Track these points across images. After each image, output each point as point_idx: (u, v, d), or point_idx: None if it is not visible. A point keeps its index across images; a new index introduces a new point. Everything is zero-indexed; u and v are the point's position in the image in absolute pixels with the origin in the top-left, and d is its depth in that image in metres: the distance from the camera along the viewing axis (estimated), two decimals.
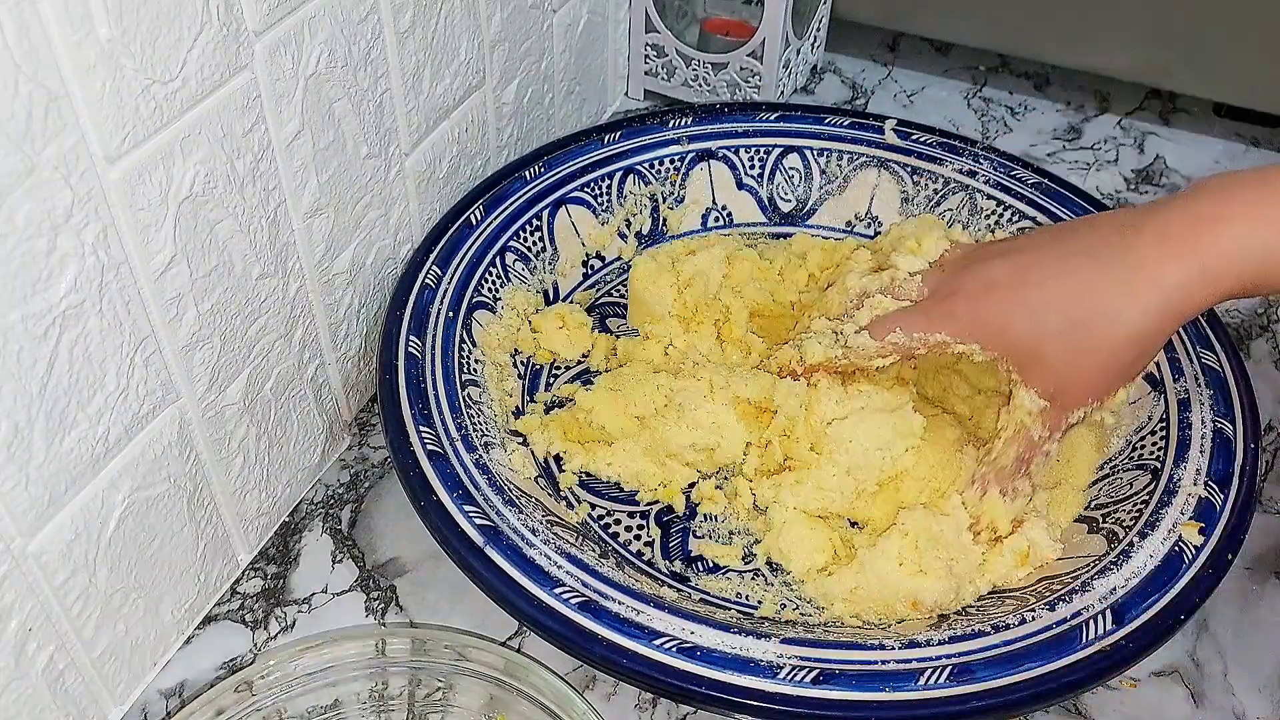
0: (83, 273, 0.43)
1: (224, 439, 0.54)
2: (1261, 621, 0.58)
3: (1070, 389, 0.53)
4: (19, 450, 0.42)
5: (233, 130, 0.48)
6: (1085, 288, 0.51)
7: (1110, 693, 0.55)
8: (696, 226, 0.75)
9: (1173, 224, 0.50)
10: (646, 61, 0.89)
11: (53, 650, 0.47)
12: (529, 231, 0.68)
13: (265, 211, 0.52)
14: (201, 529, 0.54)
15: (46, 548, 0.45)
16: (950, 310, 0.54)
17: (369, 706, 0.52)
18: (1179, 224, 0.49)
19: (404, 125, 0.61)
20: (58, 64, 0.39)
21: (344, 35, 0.54)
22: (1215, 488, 0.54)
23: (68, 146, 0.40)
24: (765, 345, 0.66)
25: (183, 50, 0.44)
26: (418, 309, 0.61)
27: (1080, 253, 0.52)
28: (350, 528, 0.61)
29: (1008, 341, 0.53)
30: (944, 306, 0.55)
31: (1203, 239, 0.48)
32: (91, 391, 0.45)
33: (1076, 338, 0.51)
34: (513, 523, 0.53)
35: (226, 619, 0.57)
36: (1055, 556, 0.56)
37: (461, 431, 0.57)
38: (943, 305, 0.55)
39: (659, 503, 0.61)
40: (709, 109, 0.76)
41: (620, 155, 0.73)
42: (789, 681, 0.47)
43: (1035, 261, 0.53)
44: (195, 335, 0.50)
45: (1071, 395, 0.53)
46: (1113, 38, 0.85)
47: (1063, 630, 0.49)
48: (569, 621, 0.49)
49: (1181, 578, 0.51)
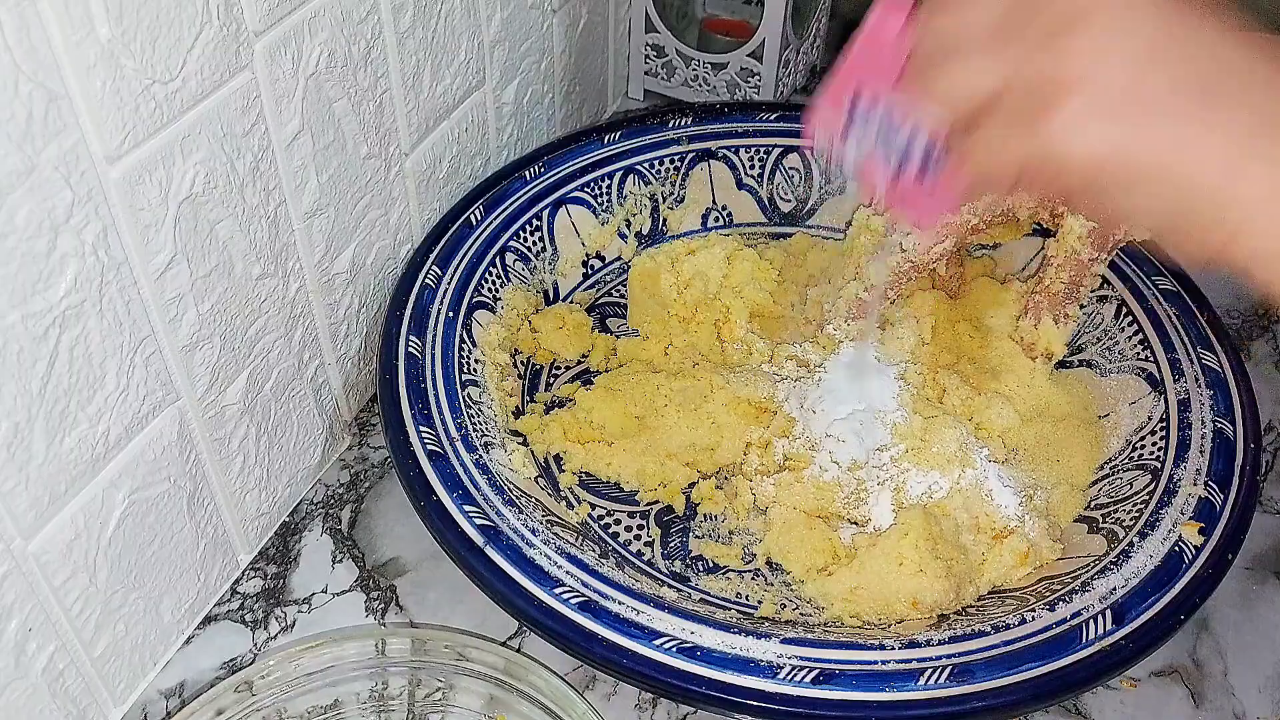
0: (83, 273, 0.43)
1: (224, 439, 0.54)
2: (1261, 621, 0.58)
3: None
4: (19, 450, 0.42)
5: (233, 130, 0.48)
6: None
7: (1110, 693, 0.55)
8: (696, 226, 0.75)
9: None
10: (646, 61, 0.89)
11: (53, 650, 0.47)
12: (529, 231, 0.68)
13: (265, 211, 0.52)
14: (201, 529, 0.54)
15: (46, 548, 0.45)
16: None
17: (369, 706, 0.52)
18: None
19: (404, 125, 0.61)
20: (58, 64, 0.39)
21: (344, 35, 0.54)
22: (1215, 488, 0.54)
23: (68, 146, 0.40)
24: (765, 345, 0.66)
25: (183, 50, 0.44)
26: (418, 309, 0.61)
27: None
28: (350, 528, 0.61)
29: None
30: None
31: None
32: (91, 391, 0.45)
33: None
34: (513, 523, 0.53)
35: (226, 619, 0.57)
36: (1055, 556, 0.56)
37: (461, 431, 0.57)
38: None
39: (659, 503, 0.61)
40: (709, 109, 0.76)
41: (620, 155, 0.73)
42: (789, 681, 0.47)
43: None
44: (195, 335, 0.50)
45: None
46: None
47: (1063, 630, 0.49)
48: (569, 621, 0.49)
49: (1181, 578, 0.51)
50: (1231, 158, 0.36)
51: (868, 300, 0.62)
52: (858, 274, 0.63)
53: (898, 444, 0.60)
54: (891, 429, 0.60)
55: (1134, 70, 0.36)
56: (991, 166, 0.39)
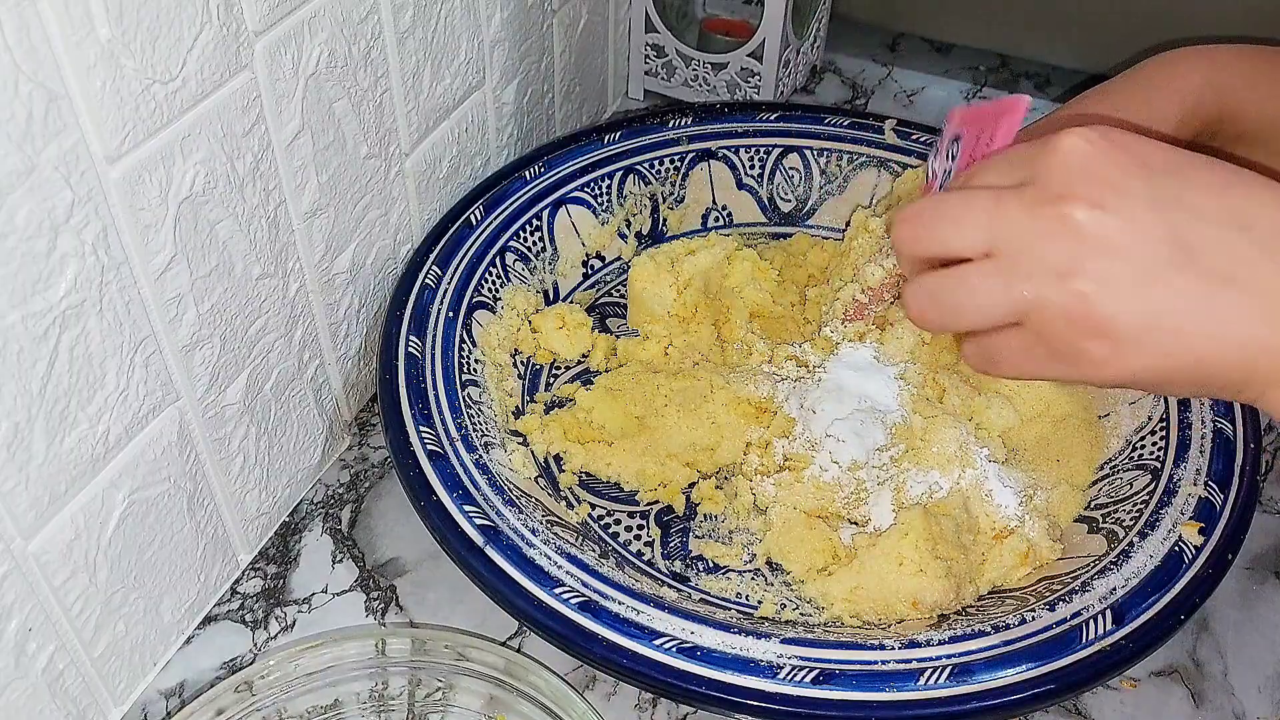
0: (83, 273, 0.43)
1: (224, 439, 0.54)
2: (1261, 621, 0.58)
3: None
4: (19, 450, 0.42)
5: (233, 130, 0.48)
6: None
7: (1110, 693, 0.55)
8: (696, 226, 0.75)
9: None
10: (646, 61, 0.89)
11: (53, 650, 0.47)
12: (529, 231, 0.68)
13: (265, 211, 0.52)
14: (201, 529, 0.54)
15: (46, 548, 0.45)
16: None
17: (369, 706, 0.52)
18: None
19: (404, 125, 0.61)
20: (58, 64, 0.39)
21: (344, 35, 0.54)
22: (1215, 488, 0.54)
23: (68, 146, 0.40)
24: (766, 345, 0.66)
25: (183, 50, 0.44)
26: (418, 309, 0.61)
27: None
28: (350, 528, 0.61)
29: None
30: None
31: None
32: (91, 391, 0.45)
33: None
34: (513, 523, 0.53)
35: (226, 619, 0.57)
36: (1055, 556, 0.56)
37: (461, 431, 0.57)
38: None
39: (659, 503, 0.61)
40: (709, 109, 0.76)
41: (620, 155, 0.73)
42: (789, 681, 0.47)
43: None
44: (195, 335, 0.50)
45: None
46: (1112, 38, 0.84)
47: (1063, 630, 0.49)
48: (569, 621, 0.49)
49: (1181, 578, 0.51)
50: (1241, 323, 0.38)
51: (865, 302, 0.62)
52: (855, 275, 0.63)
53: (898, 444, 0.60)
54: (891, 429, 0.60)
55: (1144, 295, 0.38)
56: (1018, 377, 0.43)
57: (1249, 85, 0.55)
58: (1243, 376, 0.39)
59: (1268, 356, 0.38)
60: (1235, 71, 0.55)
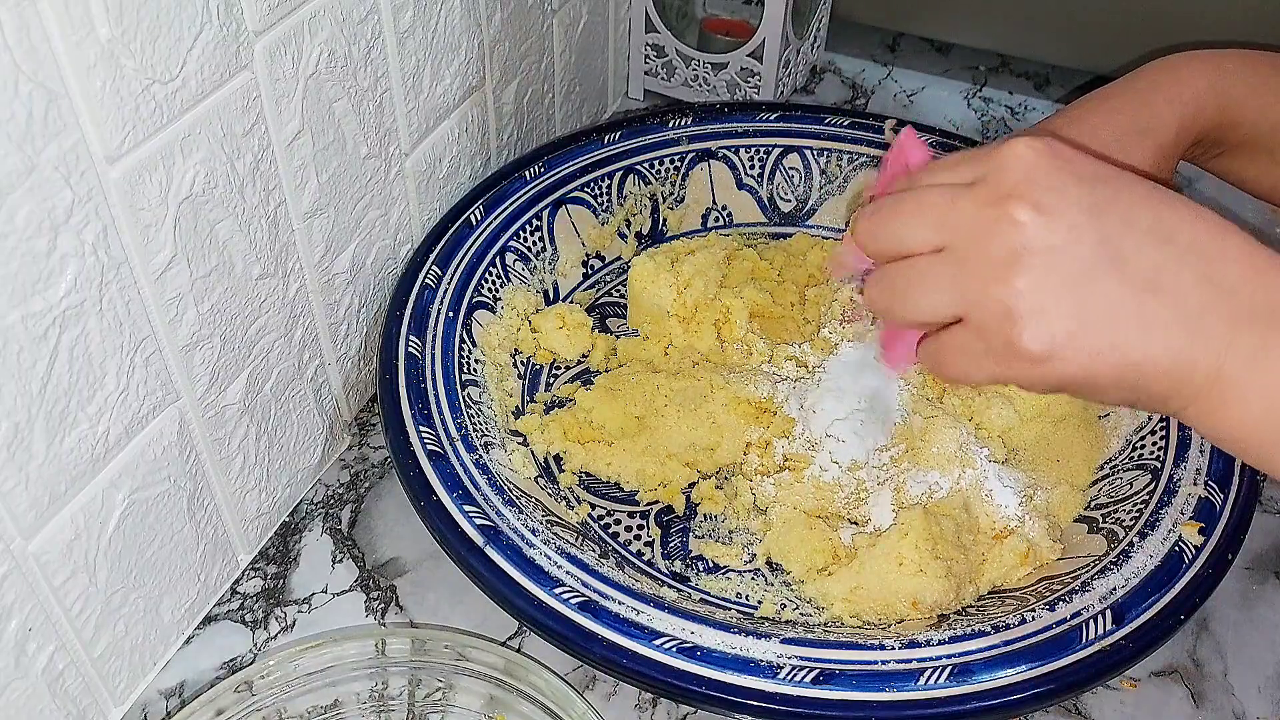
0: (83, 273, 0.43)
1: (224, 439, 0.54)
2: (1261, 621, 0.58)
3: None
4: (19, 450, 0.42)
5: (233, 130, 0.48)
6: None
7: (1110, 693, 0.55)
8: (696, 226, 0.75)
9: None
10: (646, 61, 0.89)
11: (53, 650, 0.47)
12: (529, 231, 0.68)
13: (265, 211, 0.52)
14: (201, 529, 0.54)
15: (46, 548, 0.45)
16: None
17: (369, 706, 0.52)
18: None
19: (404, 125, 0.61)
20: (58, 64, 0.39)
21: (344, 35, 0.54)
22: (1215, 488, 0.54)
23: (68, 146, 0.40)
24: (766, 345, 0.66)
25: (183, 50, 0.44)
26: (418, 309, 0.61)
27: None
28: (350, 528, 0.61)
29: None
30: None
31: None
32: (91, 391, 0.45)
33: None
34: (513, 523, 0.53)
35: (226, 619, 0.57)
36: (1055, 556, 0.56)
37: (461, 431, 0.57)
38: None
39: (659, 503, 0.61)
40: (709, 109, 0.76)
41: (620, 155, 0.73)
42: (789, 682, 0.47)
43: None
44: (195, 335, 0.50)
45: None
46: (1112, 38, 0.84)
47: (1063, 630, 0.49)
48: (569, 621, 0.49)
49: (1181, 578, 0.51)
50: (1166, 330, 0.40)
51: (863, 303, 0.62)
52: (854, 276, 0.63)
53: (898, 444, 0.60)
54: (891, 429, 0.60)
55: (1077, 295, 0.40)
56: (960, 378, 0.44)
57: (1253, 93, 0.56)
58: (1170, 386, 0.40)
59: (1189, 369, 0.40)
60: (1240, 78, 0.56)
